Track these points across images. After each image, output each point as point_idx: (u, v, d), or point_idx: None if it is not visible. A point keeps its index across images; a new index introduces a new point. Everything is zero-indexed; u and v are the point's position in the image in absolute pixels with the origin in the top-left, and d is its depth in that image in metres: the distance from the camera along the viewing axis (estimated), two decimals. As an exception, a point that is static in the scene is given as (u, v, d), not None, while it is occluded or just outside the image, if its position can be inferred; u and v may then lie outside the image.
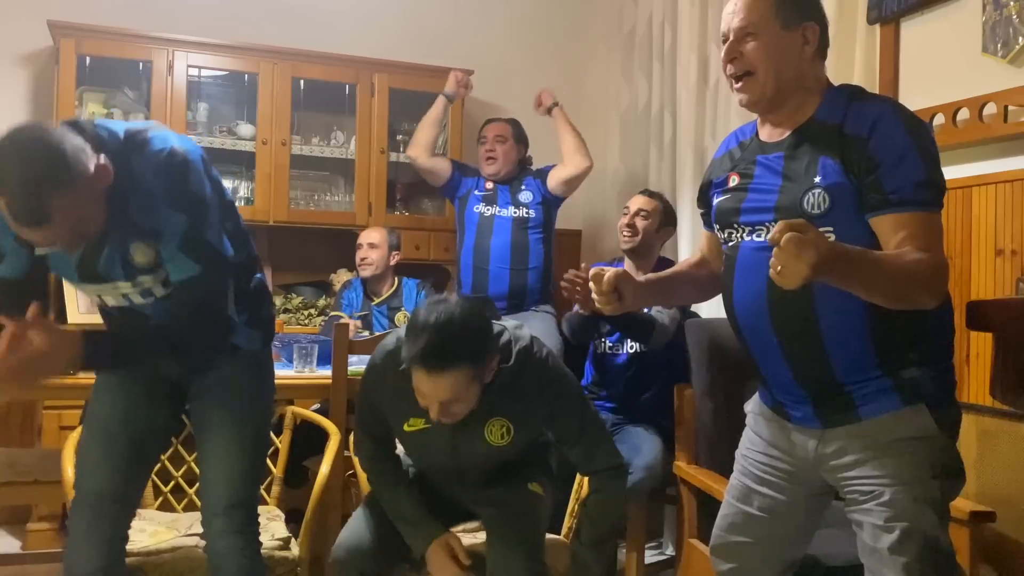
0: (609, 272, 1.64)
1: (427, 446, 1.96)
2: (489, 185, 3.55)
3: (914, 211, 1.48)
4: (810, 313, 1.52)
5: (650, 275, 1.82)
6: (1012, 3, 2.33)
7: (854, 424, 1.58)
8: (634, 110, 4.21)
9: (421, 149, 3.65)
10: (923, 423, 1.55)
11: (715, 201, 1.73)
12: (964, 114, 2.44)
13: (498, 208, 3.51)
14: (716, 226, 1.73)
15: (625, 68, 4.31)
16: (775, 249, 1.32)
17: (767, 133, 1.68)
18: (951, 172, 2.54)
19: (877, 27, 2.79)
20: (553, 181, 3.52)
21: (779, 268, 1.32)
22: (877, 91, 2.77)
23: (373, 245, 3.57)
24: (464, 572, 1.88)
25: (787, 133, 1.63)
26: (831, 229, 1.51)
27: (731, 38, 1.62)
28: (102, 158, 1.61)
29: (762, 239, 1.59)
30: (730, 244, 1.69)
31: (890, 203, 1.48)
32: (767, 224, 1.59)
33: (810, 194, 1.54)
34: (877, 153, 1.50)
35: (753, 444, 1.79)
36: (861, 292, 1.43)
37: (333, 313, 3.58)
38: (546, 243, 3.51)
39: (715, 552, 1.85)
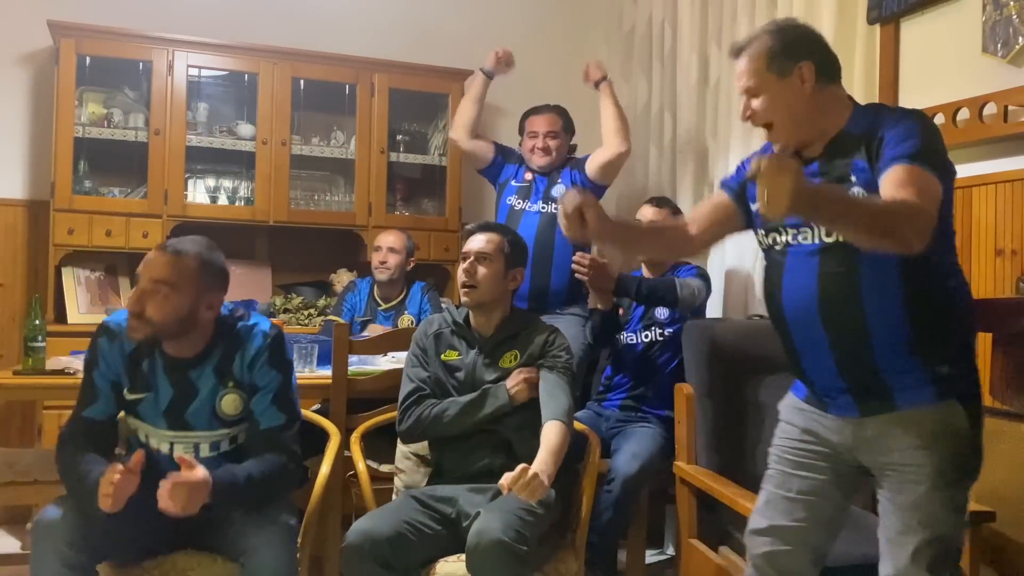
0: (573, 196, 1.77)
1: (459, 369, 2.37)
2: (528, 176, 3.44)
3: (909, 164, 1.58)
4: (858, 308, 1.65)
5: (619, 218, 1.91)
6: (1012, 3, 2.33)
7: (891, 413, 1.68)
8: (634, 110, 4.21)
9: (461, 131, 3.54)
10: (956, 420, 1.66)
11: (755, 207, 1.82)
12: (964, 114, 2.44)
13: (529, 203, 3.40)
14: (761, 231, 1.84)
15: (625, 68, 4.31)
16: (758, 179, 1.41)
17: (805, 149, 1.79)
18: (951, 172, 2.55)
19: (877, 27, 2.79)
20: (591, 167, 3.38)
21: (764, 196, 1.41)
22: (877, 91, 2.78)
23: (393, 250, 3.50)
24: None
25: (820, 147, 1.75)
26: None
27: (744, 98, 1.80)
28: (223, 300, 2.05)
29: (808, 241, 1.72)
30: (776, 248, 1.80)
31: (889, 160, 1.59)
32: (811, 230, 1.71)
33: (849, 192, 1.64)
34: (887, 135, 1.63)
35: (787, 433, 1.88)
36: (848, 225, 1.51)
37: (331, 317, 3.55)
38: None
39: (753, 534, 1.88)
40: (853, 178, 1.67)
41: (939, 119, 2.52)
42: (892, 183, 1.57)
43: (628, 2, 4.30)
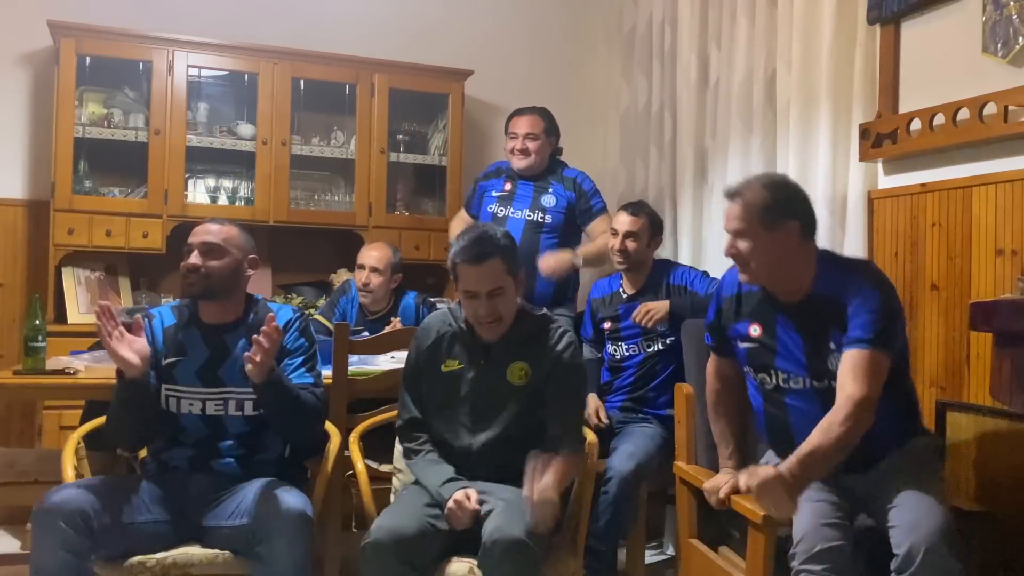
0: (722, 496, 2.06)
1: (460, 382, 2.23)
2: (507, 187, 3.46)
3: (860, 348, 1.87)
4: (879, 420, 1.89)
5: (733, 456, 2.19)
6: (1012, 3, 2.33)
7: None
8: (634, 110, 4.21)
9: None
10: (933, 440, 2.13)
11: (742, 346, 2.10)
12: (964, 114, 2.44)
13: (512, 209, 3.41)
14: (749, 368, 2.10)
15: (625, 68, 4.31)
16: (760, 502, 1.80)
17: (776, 292, 2.04)
18: (951, 172, 2.56)
19: (877, 27, 2.79)
20: (585, 227, 3.46)
21: (772, 510, 1.81)
22: (877, 91, 2.79)
23: (376, 270, 3.38)
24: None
25: (796, 299, 2.01)
26: None
27: (729, 238, 2.02)
28: (258, 264, 2.35)
29: (799, 386, 2.00)
30: (768, 387, 2.07)
31: (850, 341, 1.88)
32: (801, 377, 1.99)
33: (831, 357, 1.94)
34: (851, 307, 1.91)
35: None
36: (832, 463, 1.86)
37: (316, 316, 3.52)
38: (563, 246, 3.37)
39: (810, 537, 1.92)
40: (832, 345, 1.94)
41: (939, 119, 2.53)
42: (847, 368, 1.86)
43: (628, 2, 4.30)
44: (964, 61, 2.50)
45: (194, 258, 2.22)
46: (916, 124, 2.61)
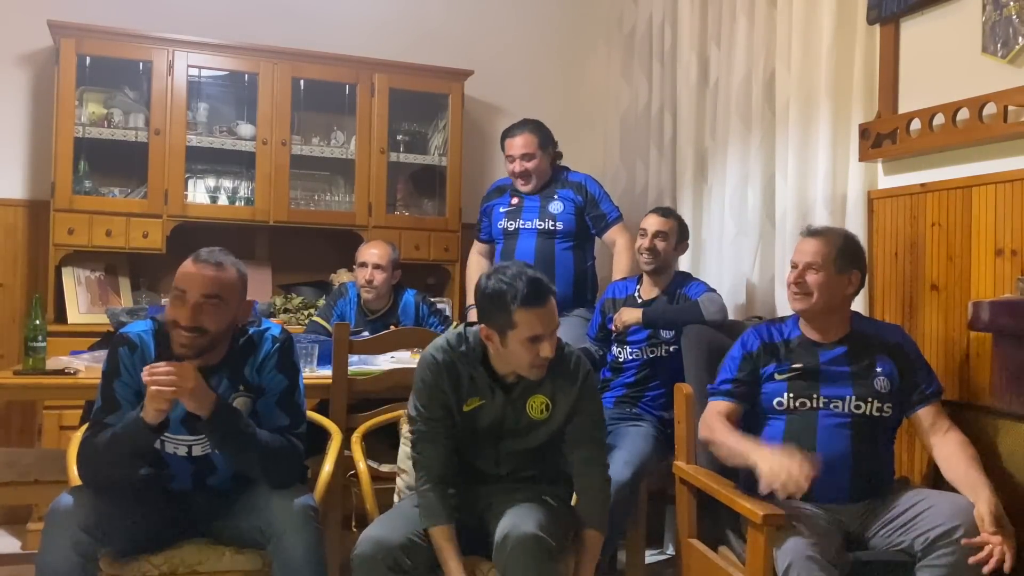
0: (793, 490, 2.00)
1: (481, 419, 2.15)
2: (514, 201, 3.47)
3: (938, 401, 2.22)
4: (884, 462, 2.24)
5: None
6: (1012, 3, 2.33)
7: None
8: (634, 110, 4.21)
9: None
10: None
11: (780, 378, 2.27)
12: (964, 114, 2.44)
13: (521, 221, 3.42)
14: (789, 394, 2.24)
15: (625, 68, 4.31)
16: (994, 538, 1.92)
17: (817, 336, 2.29)
18: (951, 172, 2.56)
19: (877, 27, 2.79)
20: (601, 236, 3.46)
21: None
22: (877, 91, 2.79)
23: (379, 267, 3.40)
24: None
25: (837, 337, 2.27)
26: (891, 404, 2.21)
27: (799, 267, 2.25)
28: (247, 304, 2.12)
29: (839, 409, 2.20)
30: (802, 410, 2.23)
31: (928, 398, 2.22)
32: (845, 397, 2.20)
33: (876, 380, 2.21)
34: (911, 357, 2.25)
35: None
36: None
37: (315, 319, 3.53)
38: (577, 250, 3.39)
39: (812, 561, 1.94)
40: (879, 369, 2.21)
41: (939, 119, 2.53)
42: (939, 420, 2.19)
43: (628, 2, 4.30)
44: (964, 61, 2.50)
45: (193, 312, 1.97)
46: (916, 124, 2.61)
